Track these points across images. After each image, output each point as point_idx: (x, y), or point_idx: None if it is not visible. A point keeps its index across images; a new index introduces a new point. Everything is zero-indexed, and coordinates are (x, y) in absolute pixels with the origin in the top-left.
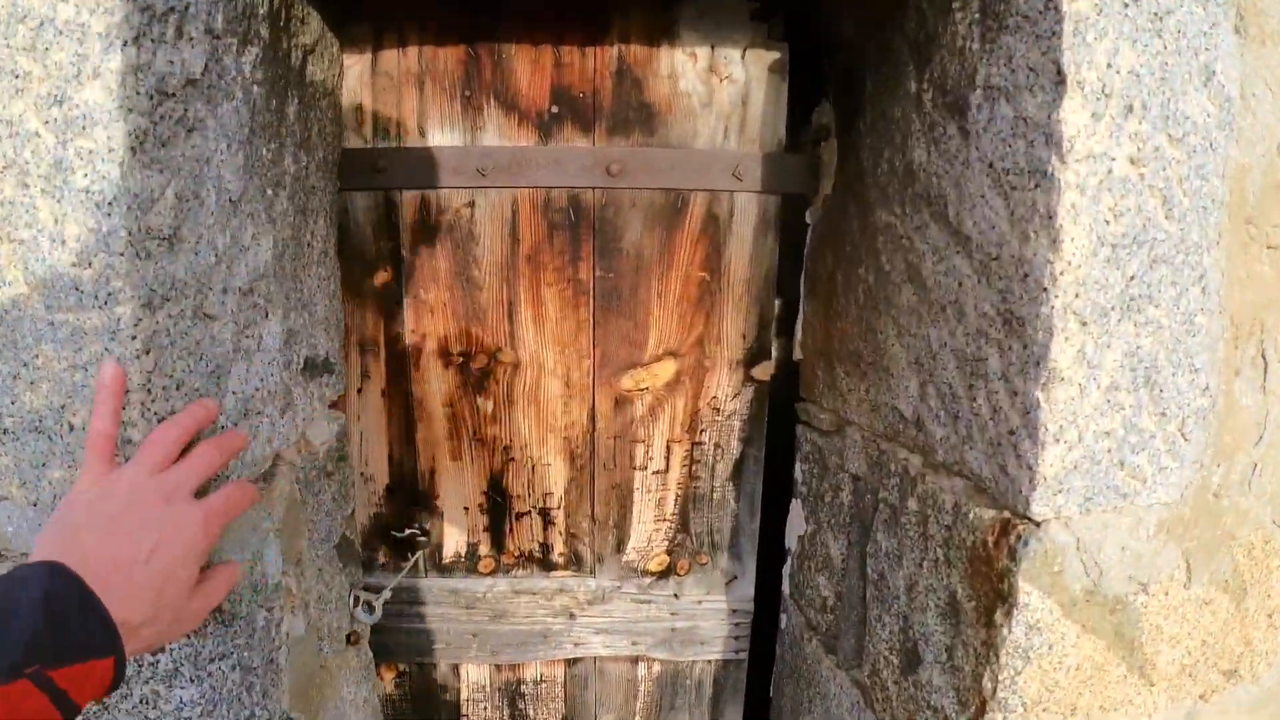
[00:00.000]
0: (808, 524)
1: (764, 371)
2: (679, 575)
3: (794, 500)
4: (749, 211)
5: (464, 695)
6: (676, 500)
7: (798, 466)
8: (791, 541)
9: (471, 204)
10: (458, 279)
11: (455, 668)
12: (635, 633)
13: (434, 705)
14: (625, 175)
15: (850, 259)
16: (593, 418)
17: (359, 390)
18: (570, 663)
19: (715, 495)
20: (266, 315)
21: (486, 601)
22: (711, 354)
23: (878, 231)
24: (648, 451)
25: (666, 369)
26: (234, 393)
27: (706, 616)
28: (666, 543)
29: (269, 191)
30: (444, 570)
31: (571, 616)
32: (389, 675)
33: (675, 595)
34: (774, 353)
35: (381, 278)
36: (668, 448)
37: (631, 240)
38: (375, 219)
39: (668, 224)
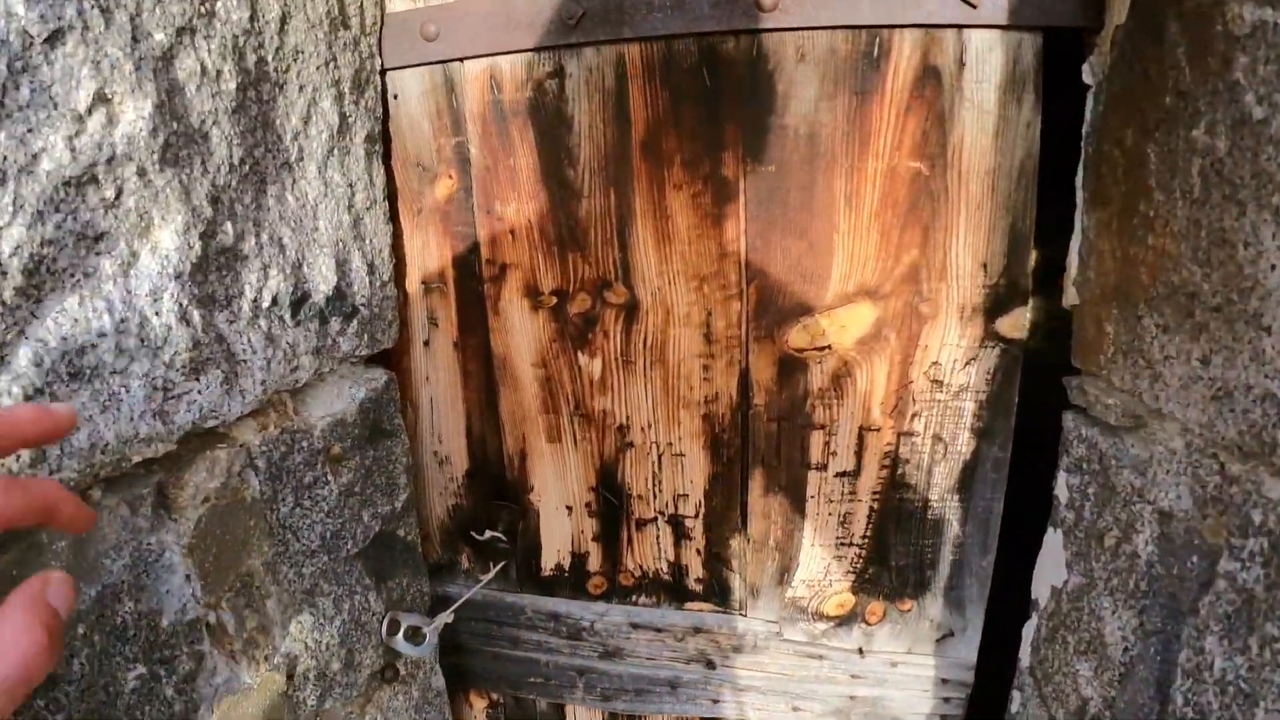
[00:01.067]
0: (1070, 572)
1: (1015, 324)
2: (867, 624)
3: (1050, 531)
4: (990, 61)
5: None
6: (870, 517)
7: (1061, 479)
8: (1041, 591)
9: (559, 72)
10: (545, 183)
11: (559, 707)
12: (797, 696)
13: None
14: (787, 10)
15: (1172, 121)
16: (746, 389)
17: (425, 343)
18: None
19: (930, 513)
20: (134, 213)
21: (595, 634)
22: (932, 294)
23: (1232, 48)
24: (828, 443)
25: (859, 317)
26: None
27: (903, 684)
28: (852, 576)
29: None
30: (542, 586)
31: (709, 665)
32: (480, 704)
33: (859, 651)
34: (1030, 295)
35: (444, 188)
36: (859, 439)
37: (801, 114)
38: (432, 107)
39: (858, 85)
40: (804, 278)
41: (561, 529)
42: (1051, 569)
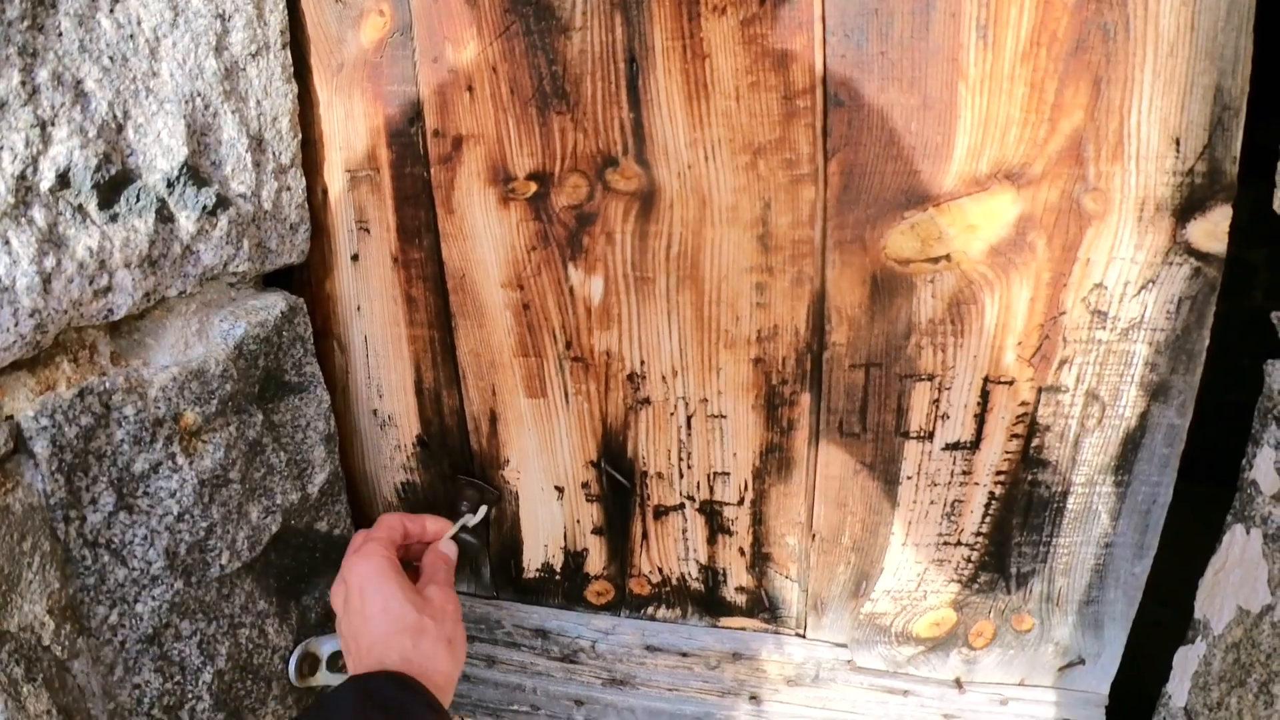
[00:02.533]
0: (1273, 591)
1: (1213, 231)
2: (970, 648)
3: (1240, 530)
4: None
5: None
6: (989, 506)
7: (1264, 460)
8: (1216, 610)
9: None
10: (518, 10)
11: None
12: None
13: None
14: None
15: None
16: (820, 320)
17: (354, 257)
18: None
19: (1072, 501)
20: None
21: (598, 656)
22: (1101, 180)
23: None
24: (937, 401)
25: (995, 212)
26: None
27: None
28: (956, 586)
29: None
30: (526, 592)
31: (755, 700)
32: None
33: (957, 683)
34: (1230, 188)
35: (374, 30)
36: (983, 395)
37: None
38: None
39: None
40: (913, 151)
41: (550, 518)
42: (1238, 582)
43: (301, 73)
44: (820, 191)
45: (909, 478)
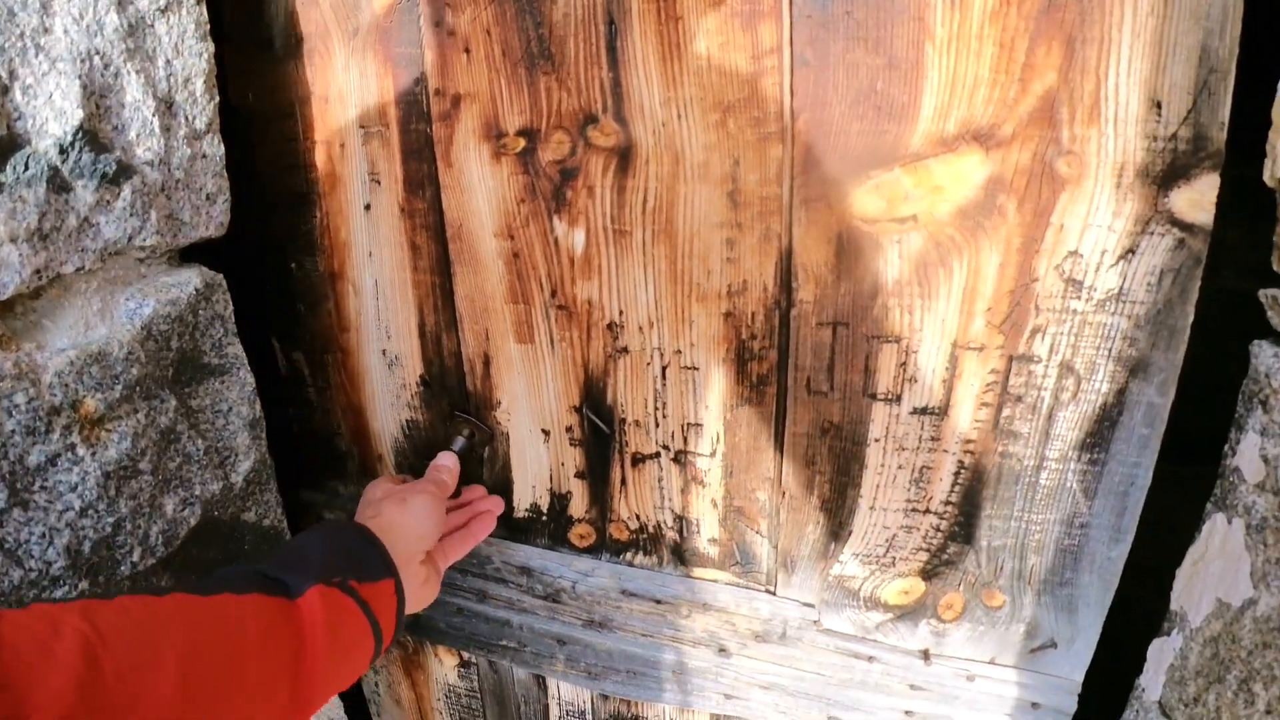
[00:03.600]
0: (1261, 588)
1: (1198, 201)
2: (940, 620)
3: (1220, 518)
4: None
5: (554, 715)
6: (958, 476)
7: (1248, 445)
8: (1194, 602)
9: None
10: None
11: (539, 679)
12: (835, 704)
13: (514, 715)
14: None
15: None
16: (787, 276)
17: (366, 207)
18: None
19: (1045, 476)
20: None
21: (578, 598)
22: (1076, 144)
23: None
24: (905, 364)
25: (963, 173)
26: None
27: (979, 705)
28: (925, 555)
29: None
30: (515, 530)
31: (723, 652)
32: (449, 661)
33: (925, 655)
34: (1217, 155)
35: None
36: (951, 360)
37: None
38: None
39: None
40: (879, 111)
41: (537, 459)
42: (1219, 574)
43: (325, 37)
44: (787, 149)
45: (876, 440)
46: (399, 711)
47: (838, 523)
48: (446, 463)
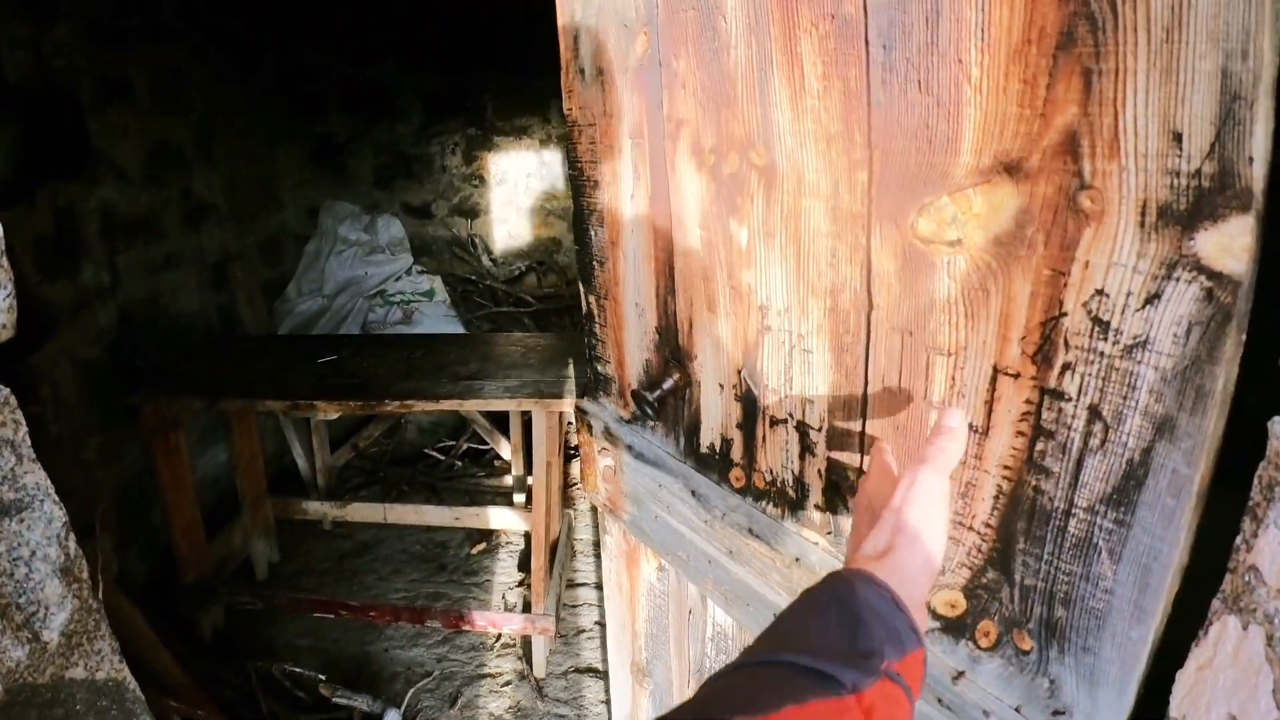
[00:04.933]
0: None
1: (1226, 245)
2: (976, 645)
3: (1229, 619)
4: None
5: (708, 633)
6: (997, 500)
7: (1265, 537)
8: (1201, 714)
9: None
10: (704, 33)
11: (703, 596)
12: None
13: (686, 622)
14: None
15: None
16: (869, 281)
17: (631, 197)
18: None
19: (1074, 523)
20: None
21: (723, 528)
22: (1097, 178)
23: None
24: (954, 378)
25: (996, 203)
26: None
27: None
28: (966, 572)
29: None
30: (700, 462)
31: None
32: (652, 563)
33: (958, 675)
34: (1254, 194)
35: (641, 45)
36: (992, 382)
37: None
38: None
39: None
40: (930, 144)
41: (715, 407)
42: (1230, 686)
43: (612, 71)
44: (868, 175)
45: None
46: (620, 598)
47: None
48: (954, 423)
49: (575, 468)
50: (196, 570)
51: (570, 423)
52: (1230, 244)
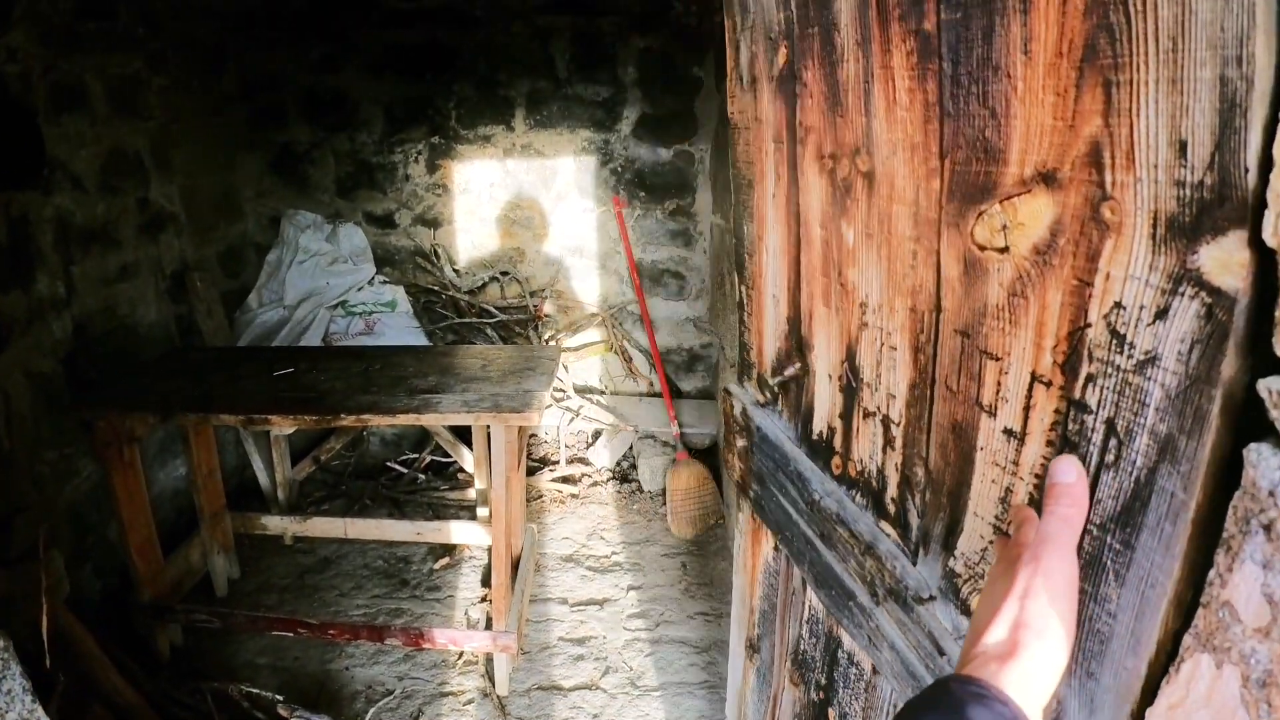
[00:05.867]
0: None
1: (1224, 260)
2: None
3: (1201, 657)
4: None
5: (804, 615)
6: (1031, 504)
7: (1241, 573)
8: None
9: None
10: (824, 49)
11: (803, 579)
12: (918, 688)
13: (789, 603)
14: None
15: None
16: (938, 283)
17: (773, 195)
18: (875, 670)
19: (1088, 540)
20: None
21: (821, 512)
22: (1117, 189)
23: None
24: (1000, 383)
25: (1036, 212)
26: None
27: None
28: None
29: None
30: (811, 448)
31: (874, 595)
32: (770, 542)
33: None
34: (1254, 207)
35: (782, 57)
36: (1030, 388)
37: None
38: None
39: None
40: (987, 154)
41: (824, 396)
42: None
43: (761, 79)
44: (940, 183)
45: (981, 448)
46: (744, 575)
47: (954, 518)
48: (1069, 478)
49: (539, 480)
50: (153, 588)
51: (533, 434)
52: (1228, 258)
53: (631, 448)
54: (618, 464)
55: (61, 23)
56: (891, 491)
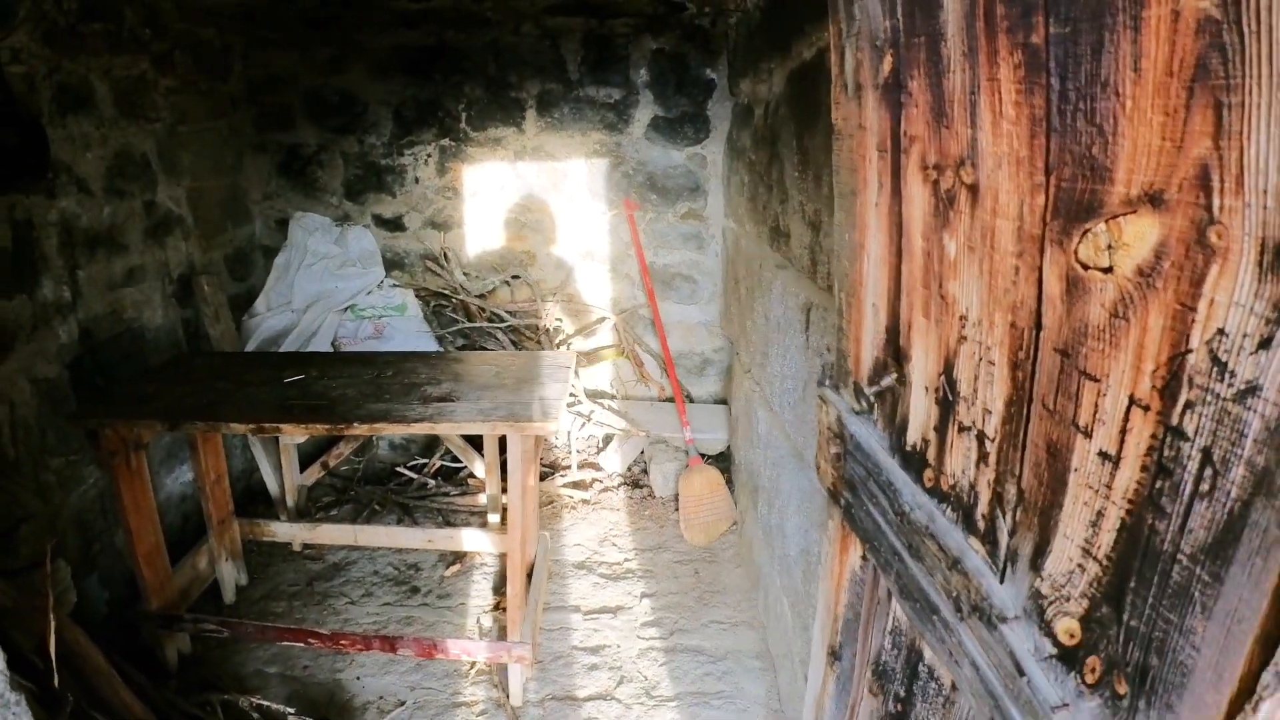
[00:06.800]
0: None
1: None
2: (1083, 679)
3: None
4: None
5: (888, 625)
6: (1119, 533)
7: None
8: None
9: None
10: (930, 58)
11: (888, 590)
12: (997, 709)
13: (874, 612)
14: None
15: None
16: (1039, 300)
17: (875, 204)
18: (954, 686)
19: (1177, 570)
20: None
21: (910, 524)
22: (1224, 213)
23: None
24: (1098, 405)
25: (1141, 233)
26: None
27: None
28: (1086, 603)
29: None
30: (904, 458)
31: (958, 611)
32: (858, 550)
33: (1060, 707)
34: None
35: (888, 64)
36: (1127, 412)
37: None
38: None
39: None
40: (1093, 172)
41: (920, 408)
42: None
43: (866, 87)
44: (1045, 199)
45: (1075, 470)
46: (829, 581)
47: (1044, 539)
48: None
49: (551, 485)
50: (161, 597)
51: (547, 441)
52: None
53: (643, 453)
54: (629, 469)
55: (66, 24)
56: (982, 508)
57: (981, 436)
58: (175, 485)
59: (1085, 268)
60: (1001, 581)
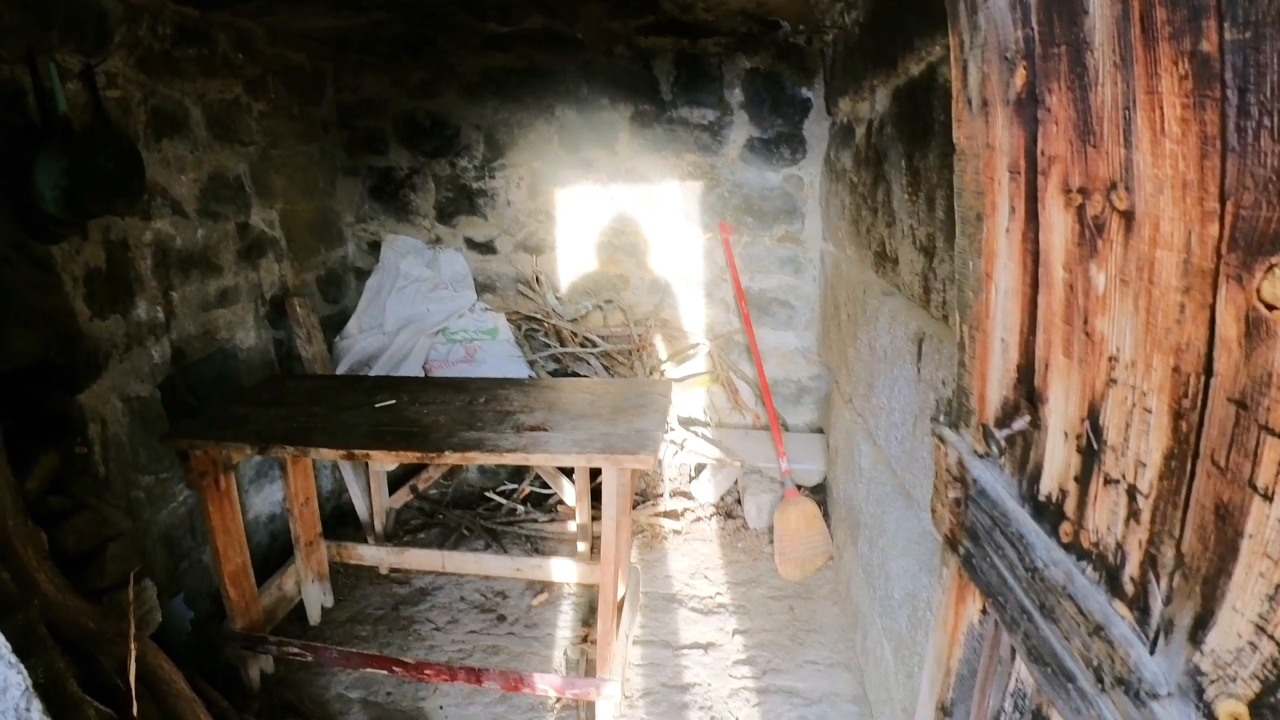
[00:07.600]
0: None
1: None
2: None
3: None
4: None
5: (1010, 687)
6: None
7: None
8: None
9: None
10: (1073, 70)
11: (1012, 648)
12: None
13: (994, 671)
14: None
15: None
16: (1210, 343)
17: (1006, 231)
18: None
19: None
20: None
21: (1043, 581)
22: None
23: None
24: None
25: None
26: None
27: None
28: (1258, 684)
29: None
30: (1036, 509)
31: (1100, 682)
32: (977, 604)
33: None
34: None
35: (1021, 78)
36: None
37: None
38: None
39: None
40: None
41: (1057, 455)
42: None
43: (994, 103)
44: (1220, 229)
45: (1250, 535)
46: (942, 633)
47: (1207, 609)
48: None
49: (641, 514)
50: (246, 617)
51: (644, 474)
52: None
53: (736, 482)
54: (722, 499)
55: (160, 49)
56: (1131, 570)
57: (1133, 491)
58: (264, 505)
59: (1270, 308)
60: (1152, 653)
